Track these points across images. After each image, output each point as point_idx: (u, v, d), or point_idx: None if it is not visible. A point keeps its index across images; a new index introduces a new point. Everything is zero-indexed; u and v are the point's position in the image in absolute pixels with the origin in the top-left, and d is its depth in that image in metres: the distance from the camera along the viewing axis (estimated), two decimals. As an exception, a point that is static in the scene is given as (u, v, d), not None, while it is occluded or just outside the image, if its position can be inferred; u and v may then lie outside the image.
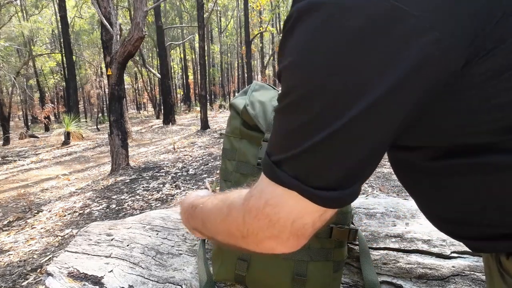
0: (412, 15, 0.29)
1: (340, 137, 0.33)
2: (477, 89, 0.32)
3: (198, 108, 13.82)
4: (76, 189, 5.41)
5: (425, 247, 0.79)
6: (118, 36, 6.04)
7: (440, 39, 0.29)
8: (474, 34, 0.30)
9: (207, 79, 17.35)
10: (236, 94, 0.85)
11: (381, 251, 0.80)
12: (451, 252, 0.77)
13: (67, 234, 3.45)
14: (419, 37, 0.29)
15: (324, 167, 0.35)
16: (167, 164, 6.31)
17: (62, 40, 16.76)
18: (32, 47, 18.55)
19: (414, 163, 0.42)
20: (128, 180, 5.31)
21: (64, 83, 20.74)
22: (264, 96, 0.79)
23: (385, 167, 4.34)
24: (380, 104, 0.31)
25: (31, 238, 3.44)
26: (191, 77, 27.64)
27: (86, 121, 21.63)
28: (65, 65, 17.38)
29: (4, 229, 3.85)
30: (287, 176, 0.36)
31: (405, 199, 1.03)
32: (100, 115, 21.33)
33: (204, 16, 10.80)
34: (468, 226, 0.42)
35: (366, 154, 0.34)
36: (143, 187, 4.88)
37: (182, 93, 29.14)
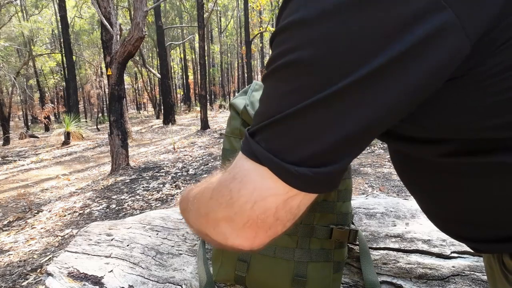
0: None
1: (328, 106, 0.29)
2: (493, 80, 0.30)
3: (198, 108, 13.82)
4: (76, 189, 5.41)
5: (425, 247, 0.79)
6: (118, 36, 6.03)
7: (454, 21, 0.27)
8: (493, 21, 0.28)
9: (207, 79, 17.35)
10: (236, 94, 0.85)
11: (381, 251, 0.80)
12: (451, 252, 0.77)
13: (67, 234, 3.45)
14: (431, 12, 0.27)
15: (302, 139, 0.30)
16: (167, 164, 6.31)
17: (62, 40, 16.76)
18: (32, 47, 18.54)
19: (421, 160, 0.40)
20: (128, 180, 5.31)
21: (64, 83, 20.75)
22: (264, 96, 0.79)
23: (385, 167, 4.34)
24: (378, 75, 0.28)
25: (31, 238, 3.44)
26: (191, 77, 27.64)
27: (86, 121, 21.63)
28: (65, 65, 17.38)
29: (4, 229, 3.85)
30: (259, 147, 0.32)
31: (405, 199, 1.03)
32: (100, 115, 21.33)
33: (204, 16, 10.80)
34: (472, 227, 0.41)
35: (354, 130, 0.29)
36: (143, 187, 4.88)
37: (182, 93, 29.14)
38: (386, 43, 0.27)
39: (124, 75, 7.28)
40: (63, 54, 17.43)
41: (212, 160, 6.33)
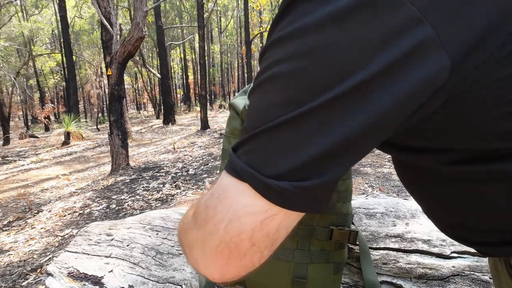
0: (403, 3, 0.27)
1: (310, 119, 0.28)
2: (494, 94, 0.31)
3: (198, 108, 13.82)
4: (76, 189, 5.41)
5: (425, 247, 0.79)
6: (118, 36, 6.04)
7: (434, 37, 0.27)
8: (481, 38, 0.28)
9: (207, 79, 17.35)
10: (236, 94, 0.85)
11: (381, 251, 0.80)
12: (451, 252, 0.77)
13: (67, 234, 3.45)
14: (410, 28, 0.27)
15: (282, 152, 0.29)
16: (167, 164, 6.31)
17: (62, 40, 16.76)
18: (32, 47, 18.54)
19: (425, 168, 0.40)
20: (128, 180, 5.31)
21: (64, 83, 20.75)
22: (264, 96, 0.78)
23: (385, 167, 4.34)
24: (360, 89, 0.28)
25: (31, 238, 3.44)
26: (191, 77, 27.64)
27: (86, 121, 21.62)
28: (65, 65, 17.38)
29: (4, 229, 3.85)
30: (240, 161, 0.30)
31: (405, 199, 1.03)
32: (100, 115, 21.33)
33: (204, 16, 10.80)
34: (479, 232, 0.41)
35: (336, 143, 0.28)
36: (143, 187, 4.88)
37: (182, 93, 29.14)
38: (367, 58, 0.27)
39: (124, 75, 7.29)
40: (63, 54, 17.43)
41: (212, 160, 6.33)
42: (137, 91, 30.25)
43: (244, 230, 0.29)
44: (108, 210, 4.08)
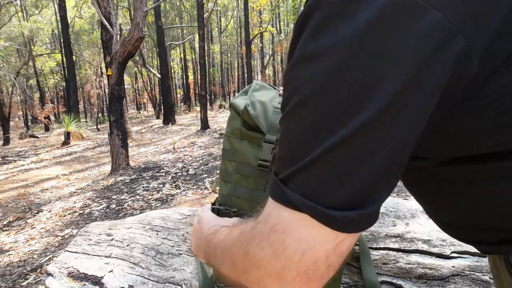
0: (430, 10, 0.27)
1: (356, 141, 0.28)
2: (497, 101, 0.31)
3: (198, 108, 13.82)
4: (76, 189, 5.41)
5: (425, 247, 0.79)
6: (118, 36, 6.04)
7: (467, 46, 0.27)
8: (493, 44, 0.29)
9: (207, 79, 17.35)
10: (236, 94, 0.85)
11: (381, 251, 0.80)
12: (451, 252, 0.78)
13: (67, 234, 3.45)
14: (440, 40, 0.27)
15: (338, 181, 0.29)
16: (167, 164, 6.31)
17: (62, 40, 16.76)
18: (32, 47, 18.55)
19: (426, 169, 0.40)
20: (128, 180, 5.31)
21: (64, 83, 20.75)
22: (264, 96, 0.78)
23: (385, 167, 4.34)
24: (400, 101, 0.28)
25: (31, 238, 3.44)
26: (191, 77, 27.64)
27: (86, 121, 21.63)
28: (65, 65, 17.39)
29: (4, 229, 3.85)
30: (295, 194, 0.30)
31: (405, 199, 1.03)
32: (100, 115, 21.33)
33: (204, 16, 10.80)
34: (478, 230, 0.41)
35: (388, 162, 0.29)
36: (143, 187, 4.88)
37: (182, 93, 29.14)
38: (399, 74, 0.27)
39: (124, 75, 7.29)
40: (63, 54, 17.43)
41: (212, 160, 6.33)
42: (137, 91, 30.26)
43: (319, 257, 0.30)
44: (108, 210, 4.08)
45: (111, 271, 0.83)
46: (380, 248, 0.81)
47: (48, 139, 11.78)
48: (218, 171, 4.43)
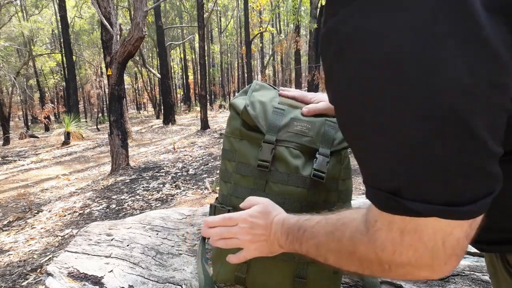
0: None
1: (461, 140, 0.28)
2: None
3: (198, 108, 13.82)
4: (76, 189, 5.41)
5: (425, 247, 0.79)
6: (118, 36, 6.04)
7: None
8: None
9: (207, 79, 17.35)
10: (236, 94, 0.85)
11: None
12: (451, 252, 0.77)
13: (67, 234, 3.45)
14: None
15: (458, 181, 0.30)
16: (167, 164, 6.31)
17: (62, 40, 16.76)
18: (32, 47, 18.54)
19: None
20: (128, 180, 5.31)
21: (64, 83, 20.75)
22: (264, 96, 0.78)
23: (385, 167, 4.34)
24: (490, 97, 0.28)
25: (31, 238, 3.44)
26: (191, 77, 27.64)
27: (86, 121, 21.63)
28: (65, 65, 17.38)
29: (4, 229, 3.85)
30: (417, 204, 0.31)
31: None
32: (100, 115, 21.32)
33: (204, 16, 10.80)
34: (481, 230, 0.42)
35: (488, 153, 0.29)
36: (143, 187, 4.88)
37: (182, 93, 29.14)
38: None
39: (124, 75, 7.29)
40: (63, 54, 17.43)
41: (212, 160, 6.33)
42: (137, 91, 30.25)
43: (460, 237, 0.32)
44: (108, 210, 4.08)
45: (111, 271, 0.83)
46: (380, 248, 0.81)
47: (48, 139, 11.78)
48: (218, 171, 4.43)
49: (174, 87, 26.34)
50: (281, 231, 0.57)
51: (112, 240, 0.95)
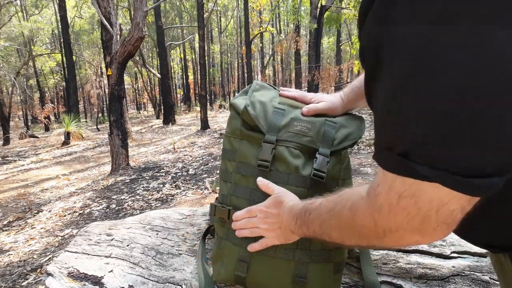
0: None
1: (488, 110, 0.27)
2: None
3: (198, 108, 13.82)
4: (76, 189, 5.41)
5: (425, 247, 0.79)
6: (118, 36, 6.04)
7: None
8: None
9: (207, 79, 17.35)
10: (236, 94, 0.85)
11: (381, 251, 0.80)
12: (451, 252, 0.78)
13: (67, 234, 3.45)
14: None
15: (472, 149, 0.29)
16: (167, 164, 6.31)
17: (62, 40, 16.76)
18: (32, 47, 18.53)
19: None
20: (128, 180, 5.31)
21: (64, 83, 20.74)
22: (264, 96, 0.78)
23: (385, 167, 4.34)
24: None
25: (31, 238, 3.44)
26: (191, 77, 27.63)
27: (86, 121, 21.63)
28: (65, 65, 17.38)
29: (4, 229, 3.85)
30: (422, 167, 0.31)
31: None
32: (100, 115, 21.32)
33: (204, 16, 10.80)
34: (491, 233, 0.42)
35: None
36: (143, 187, 4.88)
37: (182, 93, 29.13)
38: None
39: (124, 75, 7.28)
40: (63, 54, 17.43)
41: (212, 160, 6.33)
42: (137, 91, 30.25)
43: (455, 209, 0.32)
44: (108, 210, 4.08)
45: (111, 271, 0.83)
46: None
47: (48, 139, 11.78)
48: (218, 171, 4.44)
49: (174, 87, 26.34)
50: (290, 217, 0.61)
51: (112, 240, 0.95)
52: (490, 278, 0.72)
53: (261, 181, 0.70)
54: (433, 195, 0.32)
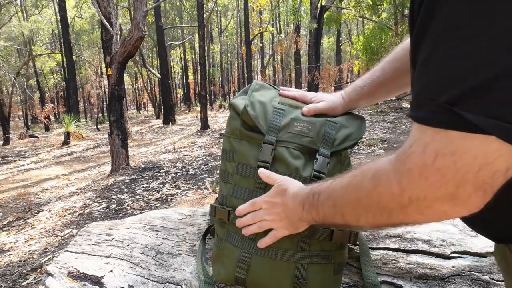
0: None
1: None
2: None
3: (198, 108, 13.82)
4: (76, 189, 5.41)
5: (425, 247, 0.79)
6: (118, 36, 6.04)
7: None
8: None
9: (207, 79, 17.35)
10: (236, 94, 0.84)
11: (381, 251, 0.80)
12: (451, 252, 0.77)
13: (67, 234, 3.45)
14: None
15: None
16: (167, 164, 6.31)
17: (62, 40, 16.76)
18: (32, 47, 18.53)
19: None
20: (128, 180, 5.31)
21: (64, 83, 20.75)
22: (264, 96, 0.78)
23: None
24: None
25: (31, 238, 3.44)
26: (191, 77, 27.63)
27: (86, 121, 21.62)
28: (65, 65, 17.38)
29: (4, 229, 3.85)
30: (477, 117, 0.28)
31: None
32: (100, 115, 21.32)
33: (204, 16, 10.80)
34: (503, 225, 0.41)
35: None
36: (143, 187, 4.88)
37: (182, 93, 29.13)
38: None
39: (124, 75, 7.28)
40: (63, 54, 17.43)
41: (212, 160, 6.33)
42: (137, 91, 30.25)
43: (498, 170, 0.29)
44: (108, 210, 4.08)
45: (111, 271, 0.83)
46: (380, 248, 0.81)
47: (48, 139, 11.78)
48: (218, 171, 4.43)
49: (174, 87, 26.33)
50: (297, 203, 0.59)
51: (112, 240, 0.95)
52: (490, 278, 0.72)
53: (262, 172, 0.68)
54: (479, 152, 0.29)
